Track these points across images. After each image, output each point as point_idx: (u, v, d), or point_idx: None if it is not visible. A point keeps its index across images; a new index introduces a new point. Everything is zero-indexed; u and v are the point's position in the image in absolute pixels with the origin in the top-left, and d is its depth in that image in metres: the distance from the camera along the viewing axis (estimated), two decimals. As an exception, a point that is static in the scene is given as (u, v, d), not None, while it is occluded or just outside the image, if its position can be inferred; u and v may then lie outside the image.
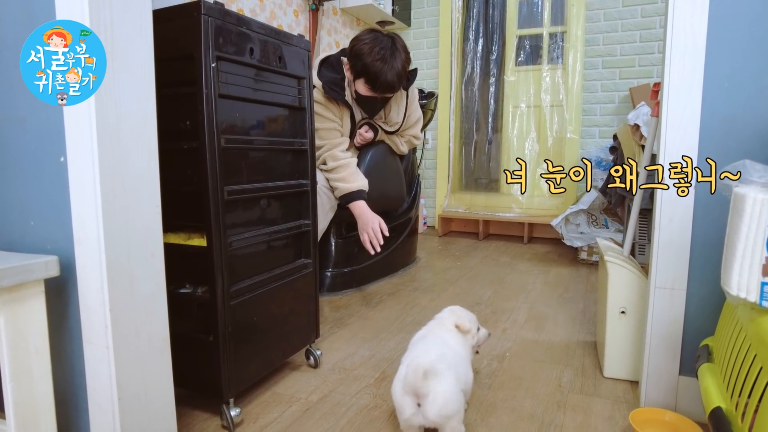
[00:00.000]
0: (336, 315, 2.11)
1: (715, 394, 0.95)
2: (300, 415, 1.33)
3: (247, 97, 1.30)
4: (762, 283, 0.85)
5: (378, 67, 1.93)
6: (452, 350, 1.23)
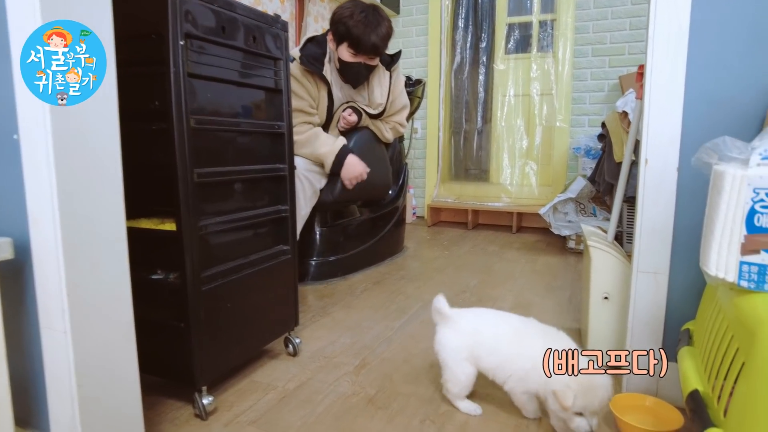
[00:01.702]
0: (319, 304, 2.08)
1: (693, 377, 0.93)
2: (276, 403, 1.31)
3: (219, 78, 1.26)
4: (740, 263, 0.82)
5: (361, 29, 1.94)
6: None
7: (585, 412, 1.02)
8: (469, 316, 1.29)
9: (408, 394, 1.35)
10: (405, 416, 1.24)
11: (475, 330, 1.24)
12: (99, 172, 0.94)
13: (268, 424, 1.21)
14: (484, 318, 1.29)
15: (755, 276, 0.81)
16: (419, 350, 1.63)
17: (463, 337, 1.24)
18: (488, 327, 1.25)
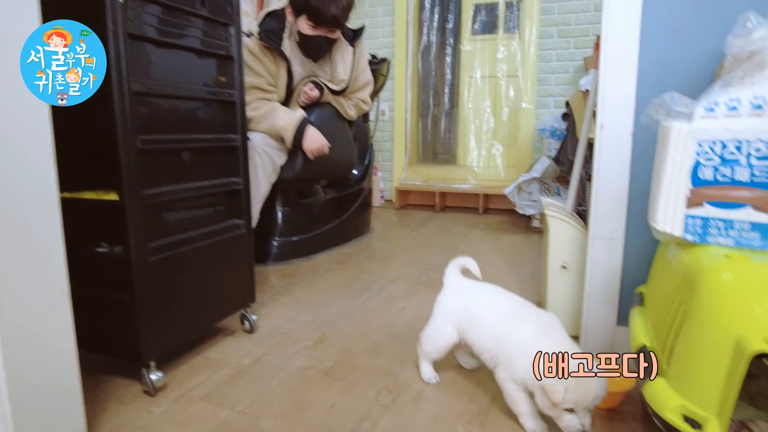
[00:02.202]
0: (281, 283, 2.04)
1: (642, 334, 0.93)
2: (228, 378, 1.27)
3: (164, 41, 1.20)
4: (686, 216, 0.82)
5: (320, 0, 1.87)
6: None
7: (576, 408, 0.92)
8: (472, 288, 1.25)
9: (366, 366, 1.33)
10: (361, 387, 1.22)
11: (470, 302, 1.20)
12: (26, 135, 0.88)
13: (220, 398, 1.18)
14: (483, 294, 1.23)
15: (699, 229, 0.81)
16: (380, 324, 1.61)
17: (457, 305, 1.21)
18: (482, 303, 1.18)
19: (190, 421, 1.09)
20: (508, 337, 1.06)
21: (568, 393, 0.90)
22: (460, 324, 1.18)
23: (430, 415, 1.10)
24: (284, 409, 1.13)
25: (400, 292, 1.93)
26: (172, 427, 1.07)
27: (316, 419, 1.09)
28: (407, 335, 1.53)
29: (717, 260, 0.74)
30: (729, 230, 0.79)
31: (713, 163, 0.79)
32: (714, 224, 0.80)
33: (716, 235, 0.80)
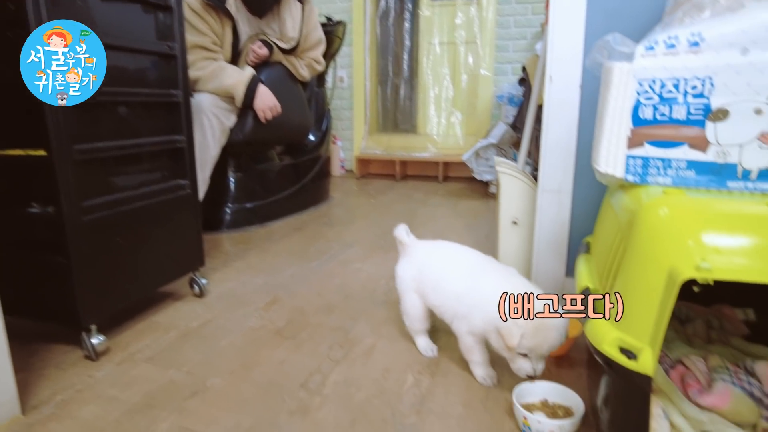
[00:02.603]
0: (234, 249, 1.99)
1: (586, 277, 0.95)
2: (176, 341, 1.23)
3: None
4: (627, 156, 0.83)
5: None
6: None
7: (531, 354, 0.90)
8: (424, 248, 1.20)
9: (318, 324, 1.32)
10: (313, 344, 1.21)
11: (424, 263, 1.15)
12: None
13: (165, 360, 1.14)
14: (438, 251, 1.18)
15: (639, 169, 0.82)
16: (335, 285, 1.59)
17: (412, 268, 1.16)
18: (438, 261, 1.14)
19: (134, 383, 1.05)
20: (468, 290, 1.03)
21: (524, 339, 0.88)
22: (418, 288, 1.14)
23: (380, 367, 1.10)
24: (232, 368, 1.10)
25: (356, 256, 1.91)
26: (114, 389, 1.03)
27: (265, 376, 1.07)
28: (361, 294, 1.52)
29: (655, 197, 0.75)
30: (667, 169, 0.80)
31: (653, 102, 0.79)
32: (653, 164, 0.81)
33: (655, 175, 0.81)
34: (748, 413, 0.81)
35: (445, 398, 0.99)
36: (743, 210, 0.69)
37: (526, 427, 0.86)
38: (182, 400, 0.99)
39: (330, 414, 0.94)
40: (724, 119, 0.75)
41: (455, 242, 1.22)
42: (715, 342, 1.07)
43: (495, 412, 0.94)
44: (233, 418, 0.93)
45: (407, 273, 1.17)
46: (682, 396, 0.86)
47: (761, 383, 0.83)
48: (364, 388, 1.02)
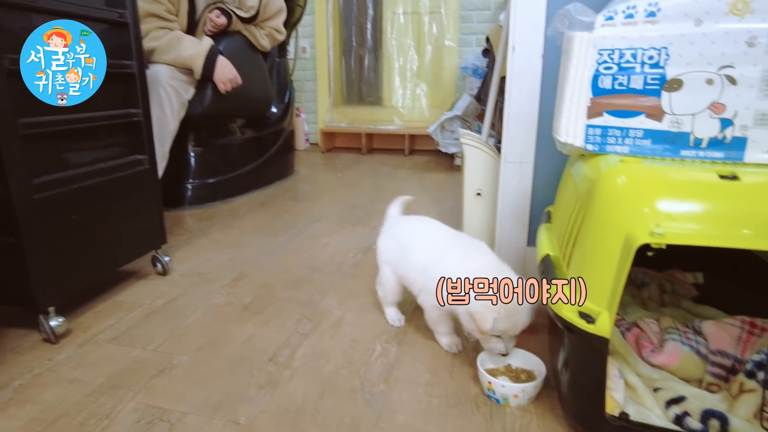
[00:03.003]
0: (197, 226, 1.95)
1: (546, 245, 0.97)
2: (140, 320, 1.21)
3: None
4: (587, 126, 0.84)
5: None
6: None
7: (504, 336, 0.91)
8: (402, 223, 1.21)
9: (286, 298, 1.31)
10: (281, 318, 1.21)
11: (401, 237, 1.15)
12: None
13: (130, 340, 1.12)
14: (414, 226, 1.18)
15: (598, 138, 0.84)
16: (302, 260, 1.59)
17: (391, 244, 1.16)
18: (412, 236, 1.14)
19: (98, 364, 1.03)
20: (434, 264, 1.03)
21: (497, 322, 0.88)
22: (393, 261, 1.15)
23: (349, 339, 1.11)
24: (200, 345, 1.09)
25: (324, 230, 1.90)
26: (77, 371, 1.01)
27: (233, 351, 1.07)
28: (329, 267, 1.52)
29: (613, 165, 0.77)
30: (625, 138, 0.82)
31: (612, 71, 0.81)
32: (612, 133, 0.83)
33: (614, 144, 0.83)
34: (694, 369, 0.86)
35: (412, 366, 1.01)
36: (694, 178, 0.72)
37: (491, 391, 0.89)
38: (148, 378, 0.97)
39: (299, 386, 0.94)
40: (678, 89, 0.77)
41: (424, 216, 1.22)
42: (667, 305, 1.12)
43: (460, 379, 0.97)
44: (202, 394, 0.92)
45: (386, 247, 1.18)
46: (637, 356, 0.90)
47: (707, 341, 0.88)
48: (333, 359, 1.03)
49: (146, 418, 0.86)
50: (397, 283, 1.15)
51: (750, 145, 0.76)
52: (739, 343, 0.85)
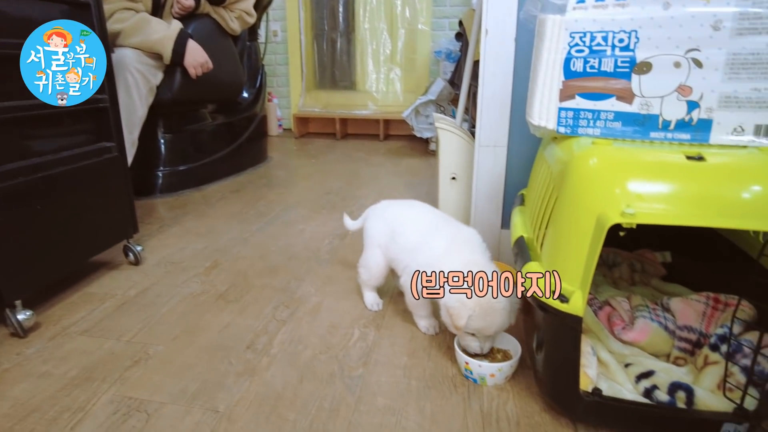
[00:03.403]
0: (170, 215, 1.91)
1: (520, 227, 0.99)
2: (113, 311, 1.18)
3: None
4: (559, 109, 0.85)
5: None
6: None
7: (478, 334, 0.90)
8: (394, 207, 1.20)
9: (262, 286, 1.30)
10: (257, 306, 1.20)
11: (392, 220, 1.15)
12: None
13: (103, 331, 1.10)
14: (406, 210, 1.18)
15: (570, 121, 0.85)
16: (278, 247, 1.57)
17: (380, 225, 1.16)
18: (403, 218, 1.14)
19: (70, 357, 1.01)
20: (420, 247, 1.03)
21: (471, 320, 0.87)
22: (382, 242, 1.14)
23: (327, 324, 1.11)
24: (175, 334, 1.08)
25: (299, 217, 1.89)
26: (48, 365, 0.98)
27: (209, 340, 1.06)
28: (306, 254, 1.51)
29: (585, 148, 0.78)
30: (596, 121, 0.84)
31: (583, 54, 0.82)
32: (584, 116, 0.84)
33: (585, 126, 0.84)
34: (663, 345, 0.89)
35: (390, 349, 1.02)
36: (663, 159, 0.74)
37: (468, 371, 0.91)
38: (123, 370, 0.96)
39: (278, 373, 0.94)
40: (648, 72, 0.79)
41: (414, 200, 1.22)
42: (637, 284, 1.16)
43: (438, 360, 0.98)
44: (179, 383, 0.92)
45: (376, 229, 1.17)
46: (609, 334, 0.93)
47: (674, 317, 0.91)
48: (312, 345, 1.03)
49: (122, 409, 0.85)
50: (384, 267, 1.15)
51: (715, 127, 0.78)
52: (704, 318, 0.88)
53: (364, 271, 1.18)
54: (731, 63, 0.75)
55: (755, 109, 0.76)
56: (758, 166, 0.70)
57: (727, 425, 0.72)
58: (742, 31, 0.74)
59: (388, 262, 1.14)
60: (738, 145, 0.77)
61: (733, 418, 0.71)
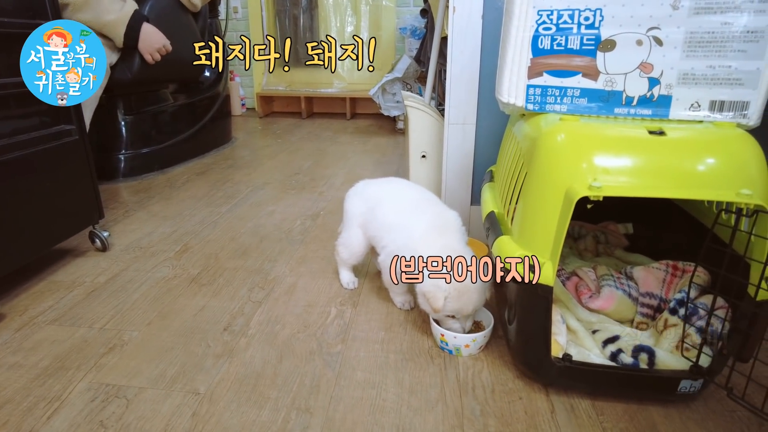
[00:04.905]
0: (134, 199, 1.86)
1: (491, 202, 1.02)
2: (83, 298, 1.16)
3: None
4: (527, 86, 0.87)
5: None
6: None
7: (458, 315, 0.92)
8: (375, 185, 1.19)
9: (235, 268, 1.30)
10: (232, 288, 1.20)
11: (372, 197, 1.14)
12: None
13: (73, 320, 1.07)
14: (387, 187, 1.17)
15: (539, 98, 0.87)
16: (248, 228, 1.56)
17: (360, 205, 1.15)
18: (383, 195, 1.13)
19: (39, 347, 0.98)
20: (399, 227, 1.03)
21: (448, 302, 0.89)
22: (364, 221, 1.13)
23: (303, 303, 1.12)
24: (150, 319, 1.07)
25: (268, 197, 1.88)
26: (17, 356, 0.96)
27: (185, 324, 1.05)
28: (277, 235, 1.51)
29: (553, 124, 0.80)
30: (563, 98, 0.86)
31: (551, 32, 0.83)
32: (551, 92, 0.86)
33: (553, 103, 0.87)
34: (627, 311, 0.94)
35: (367, 326, 1.04)
36: (627, 134, 0.77)
37: (444, 343, 0.94)
38: (98, 357, 0.95)
39: (257, 353, 0.95)
40: (612, 50, 0.81)
41: (394, 178, 1.22)
42: (602, 254, 1.21)
43: (414, 333, 1.01)
44: (157, 367, 0.91)
45: (355, 207, 1.16)
46: (576, 302, 0.97)
47: (637, 285, 0.96)
48: (289, 324, 1.04)
49: (101, 396, 0.84)
50: (365, 246, 1.15)
51: (674, 103, 0.81)
52: (663, 284, 0.93)
53: (344, 250, 1.18)
54: (689, 41, 0.78)
55: (710, 86, 0.79)
56: (712, 140, 0.75)
57: (684, 382, 0.77)
58: (698, 11, 0.77)
59: (368, 240, 1.14)
60: (695, 120, 0.81)
61: (689, 375, 0.77)
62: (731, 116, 0.79)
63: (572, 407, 0.81)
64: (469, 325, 0.95)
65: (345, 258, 1.18)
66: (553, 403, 0.82)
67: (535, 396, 0.84)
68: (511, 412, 0.80)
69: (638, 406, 0.81)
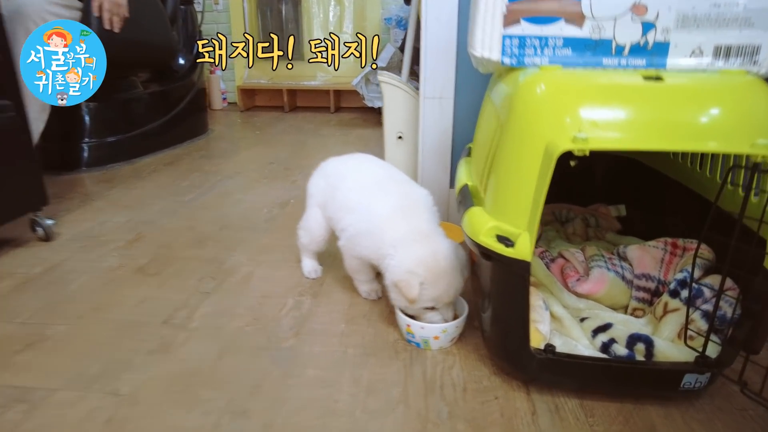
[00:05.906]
0: (95, 188, 1.73)
1: (465, 176, 0.90)
2: (10, 291, 1.03)
3: None
4: (503, 37, 0.75)
5: None
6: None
7: (437, 304, 0.80)
8: (336, 161, 1.06)
9: (187, 258, 1.17)
10: (180, 278, 1.07)
11: (332, 174, 1.02)
12: None
13: (-6, 314, 0.95)
14: (351, 163, 1.05)
15: (516, 50, 0.75)
16: (210, 218, 1.44)
17: (320, 183, 1.03)
18: (344, 171, 1.01)
19: (-51, 344, 0.86)
20: (361, 208, 0.91)
21: (424, 289, 0.78)
22: (323, 202, 1.01)
23: (258, 294, 1.00)
24: (81, 312, 0.94)
25: (237, 187, 1.75)
26: None
27: (121, 317, 0.93)
28: (241, 224, 1.39)
29: (531, 74, 0.69)
30: (544, 48, 0.74)
31: (528, -29, 0.72)
32: (530, 43, 0.75)
33: (532, 55, 0.75)
34: (621, 296, 0.83)
35: (327, 317, 0.92)
36: (618, 81, 0.65)
37: (410, 334, 0.82)
38: (12, 355, 0.82)
39: (196, 348, 0.83)
40: (599, -10, 0.70)
41: (363, 154, 1.09)
42: (591, 238, 1.09)
43: (379, 325, 0.89)
44: (78, 366, 0.79)
45: (315, 187, 1.04)
46: (562, 287, 0.86)
47: (632, 266, 0.84)
48: (238, 317, 0.92)
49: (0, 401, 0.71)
50: (326, 229, 1.02)
51: (672, 50, 0.70)
52: (662, 264, 0.82)
53: (304, 234, 1.06)
54: (689, -24, 0.67)
55: (714, 28, 0.68)
56: (721, 86, 0.63)
57: (689, 376, 0.66)
58: (701, -62, 0.66)
59: (327, 222, 1.02)
60: (697, 69, 0.69)
61: (694, 368, 0.65)
62: (739, 63, 0.68)
63: (557, 408, 0.69)
64: (451, 314, 0.82)
65: (305, 243, 1.06)
66: (535, 403, 0.70)
67: (514, 395, 0.72)
68: (484, 414, 0.68)
69: (634, 406, 0.69)
